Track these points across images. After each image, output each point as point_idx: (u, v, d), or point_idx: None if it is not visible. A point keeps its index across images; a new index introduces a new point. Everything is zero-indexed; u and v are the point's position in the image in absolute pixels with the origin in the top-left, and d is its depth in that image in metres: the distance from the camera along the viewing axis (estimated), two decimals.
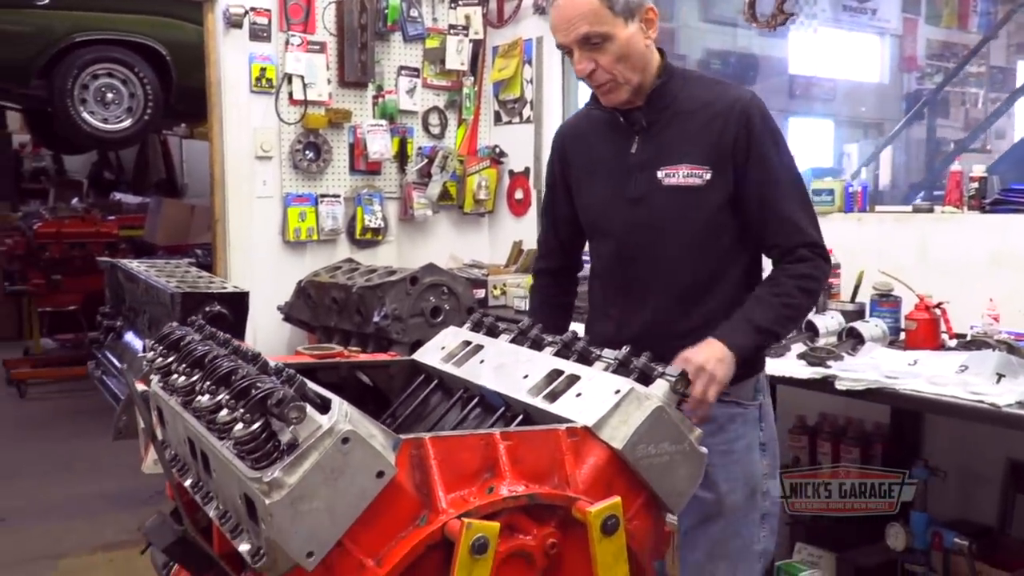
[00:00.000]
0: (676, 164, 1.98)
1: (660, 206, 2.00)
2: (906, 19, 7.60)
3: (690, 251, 2.01)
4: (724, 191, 1.98)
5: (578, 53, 1.94)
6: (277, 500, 1.12)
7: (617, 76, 1.95)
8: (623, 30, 1.91)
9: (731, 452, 2.03)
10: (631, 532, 1.38)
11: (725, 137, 1.96)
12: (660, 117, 2.02)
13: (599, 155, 2.11)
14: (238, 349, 1.45)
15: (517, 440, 1.34)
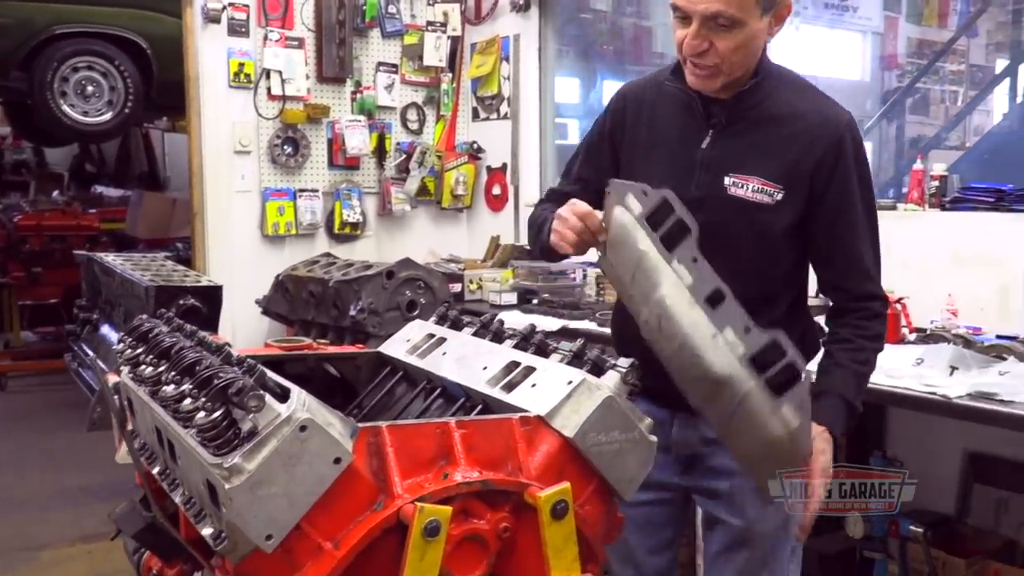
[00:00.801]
0: (747, 175, 1.78)
1: (719, 215, 1.77)
2: (887, 17, 7.65)
3: (743, 271, 1.71)
4: (794, 216, 1.78)
5: (696, 27, 1.69)
6: (237, 485, 1.17)
7: (724, 65, 1.73)
8: (756, 21, 1.70)
9: None
10: (583, 517, 1.43)
11: (808, 158, 1.76)
12: (743, 117, 1.80)
13: (664, 135, 1.88)
14: (203, 341, 1.50)
15: (472, 428, 1.39)
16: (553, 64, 5.13)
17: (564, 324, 3.57)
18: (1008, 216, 3.07)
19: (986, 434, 2.90)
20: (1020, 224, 3.03)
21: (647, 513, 1.96)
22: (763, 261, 1.81)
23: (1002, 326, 2.93)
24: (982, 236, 3.12)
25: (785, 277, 1.86)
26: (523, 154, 5.11)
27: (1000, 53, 6.77)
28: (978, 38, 6.72)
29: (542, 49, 5.05)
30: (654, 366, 1.78)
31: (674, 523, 2.05)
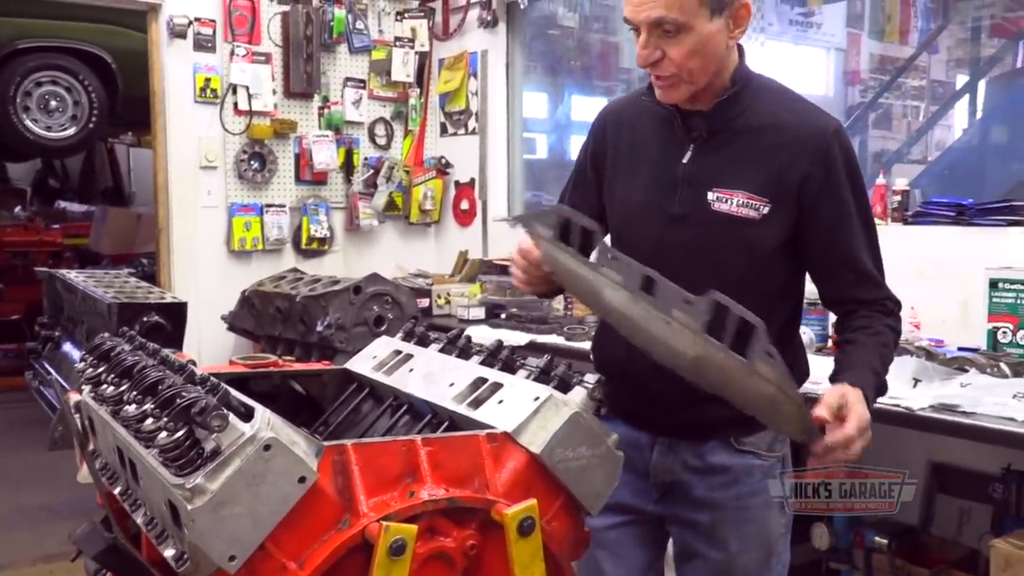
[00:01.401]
0: (731, 189, 1.70)
1: (704, 232, 1.72)
2: (850, 33, 7.77)
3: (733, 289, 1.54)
4: (782, 231, 1.71)
5: (645, 36, 1.64)
6: (199, 506, 1.16)
7: (683, 73, 1.65)
8: (705, 24, 1.61)
9: (745, 508, 1.80)
10: (550, 533, 1.43)
11: (794, 170, 1.67)
12: (724, 129, 1.73)
13: (645, 152, 1.81)
14: (166, 359, 1.48)
15: (438, 446, 1.38)
16: (521, 79, 5.16)
17: (532, 338, 3.57)
18: (969, 230, 3.12)
19: (948, 445, 2.94)
20: (980, 238, 3.08)
21: (618, 537, 1.89)
22: (753, 278, 1.72)
23: (963, 339, 2.97)
24: (943, 250, 3.17)
25: (778, 294, 1.76)
26: (491, 169, 5.13)
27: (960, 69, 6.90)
28: (939, 54, 6.84)
29: (510, 65, 5.07)
30: (634, 388, 1.78)
31: (648, 546, 1.94)
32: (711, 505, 1.80)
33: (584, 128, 5.83)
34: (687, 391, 1.59)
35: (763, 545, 1.82)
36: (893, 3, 6.16)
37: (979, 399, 2.35)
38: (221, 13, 4.71)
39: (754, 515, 1.81)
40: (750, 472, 1.79)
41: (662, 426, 1.78)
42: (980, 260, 2.93)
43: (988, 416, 2.29)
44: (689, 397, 1.64)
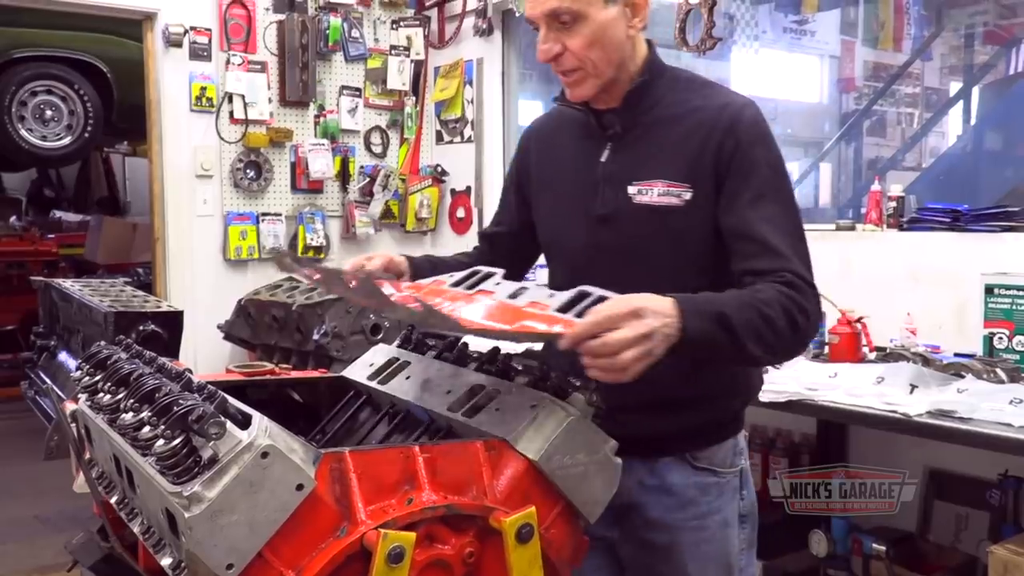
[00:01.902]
0: (651, 180, 1.67)
1: (630, 228, 1.69)
2: (844, 41, 7.80)
3: (662, 284, 1.52)
4: (709, 215, 1.64)
5: (544, 31, 1.64)
6: (197, 514, 1.15)
7: (586, 65, 1.64)
8: (600, 11, 1.61)
9: (702, 529, 1.73)
10: (548, 540, 1.43)
11: (708, 149, 1.64)
12: (638, 122, 1.71)
13: (566, 159, 1.81)
14: (163, 367, 1.48)
15: (436, 453, 1.38)
16: (516, 87, 5.17)
17: (528, 345, 3.56)
18: (964, 236, 3.13)
19: (946, 451, 2.94)
20: (975, 244, 3.09)
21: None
22: (686, 270, 1.66)
23: (959, 344, 2.98)
24: (939, 256, 3.18)
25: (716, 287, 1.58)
26: (487, 177, 5.13)
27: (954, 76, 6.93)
28: (932, 61, 6.87)
29: (505, 73, 5.08)
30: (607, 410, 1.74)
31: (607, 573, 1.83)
32: (668, 527, 1.73)
33: None
34: (629, 398, 1.50)
35: (722, 565, 1.75)
36: (887, 10, 6.19)
37: (976, 405, 2.35)
38: (217, 22, 4.71)
39: (712, 535, 1.73)
40: (706, 491, 1.73)
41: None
42: (975, 266, 2.93)
43: (985, 422, 2.29)
44: (633, 404, 1.58)
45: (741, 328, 1.47)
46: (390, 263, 1.88)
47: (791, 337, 1.54)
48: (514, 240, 1.96)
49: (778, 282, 1.54)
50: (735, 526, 1.76)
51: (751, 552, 1.80)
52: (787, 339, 1.54)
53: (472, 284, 1.72)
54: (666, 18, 4.34)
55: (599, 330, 1.34)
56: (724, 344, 1.47)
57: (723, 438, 1.74)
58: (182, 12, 4.61)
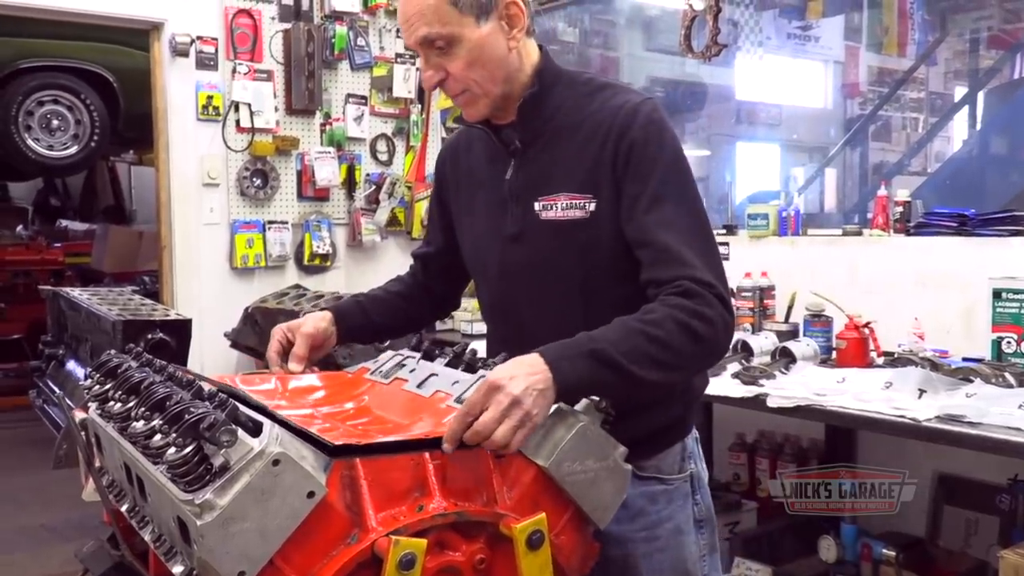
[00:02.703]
0: (554, 194, 1.61)
1: (540, 245, 1.64)
2: (848, 46, 7.81)
3: (581, 298, 1.61)
4: (616, 223, 1.59)
5: (423, 58, 1.60)
6: (208, 521, 1.16)
7: (472, 86, 1.60)
8: (473, 30, 1.55)
9: (654, 539, 1.66)
10: (558, 546, 1.43)
11: (605, 154, 1.58)
12: (538, 135, 1.65)
13: (478, 178, 1.76)
14: (173, 375, 1.48)
15: (446, 459, 1.38)
16: None
17: None
18: (971, 240, 3.12)
19: (955, 456, 2.93)
20: (983, 248, 3.09)
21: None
22: (600, 284, 1.61)
23: (967, 348, 2.97)
24: (946, 260, 3.18)
25: (634, 300, 1.54)
26: None
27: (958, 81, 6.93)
28: (937, 66, 6.88)
29: None
30: None
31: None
32: (620, 540, 1.65)
33: None
34: None
35: (680, 573, 1.68)
36: (891, 16, 6.19)
37: (985, 409, 2.35)
38: (223, 31, 4.73)
39: (665, 544, 1.66)
40: (654, 499, 1.67)
41: None
42: (983, 270, 2.93)
43: (994, 426, 2.28)
44: None
45: (626, 358, 1.42)
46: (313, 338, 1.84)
47: (693, 349, 1.48)
48: (445, 259, 1.92)
49: (673, 292, 1.49)
50: (690, 533, 1.70)
51: (714, 556, 1.74)
52: (688, 353, 1.48)
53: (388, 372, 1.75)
54: (671, 25, 4.35)
55: (468, 420, 1.32)
56: (611, 380, 1.42)
57: (667, 445, 1.68)
58: (189, 22, 4.63)
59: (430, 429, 1.45)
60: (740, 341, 3.10)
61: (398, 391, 1.71)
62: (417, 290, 1.98)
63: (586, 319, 1.52)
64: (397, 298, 1.97)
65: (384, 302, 1.96)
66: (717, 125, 7.81)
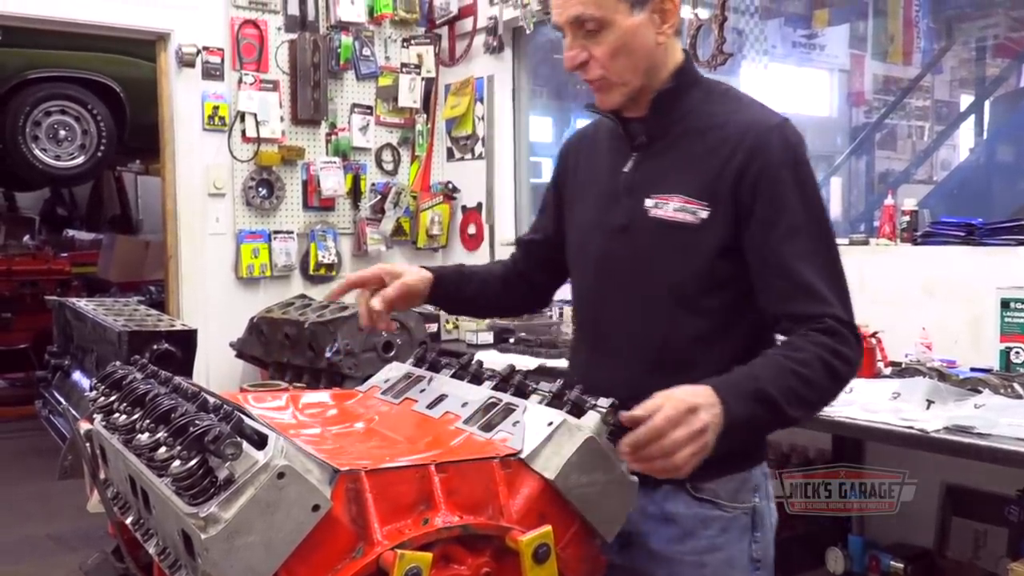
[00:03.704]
0: (668, 193, 1.60)
1: (642, 241, 1.63)
2: (853, 55, 7.81)
3: (669, 302, 1.60)
4: (724, 237, 1.56)
5: (569, 38, 1.59)
6: (213, 535, 1.15)
7: (612, 74, 1.59)
8: (626, 18, 1.55)
9: (701, 565, 1.61)
10: (564, 560, 1.42)
11: (730, 167, 1.55)
12: (664, 133, 1.64)
13: (598, 167, 1.75)
14: (179, 387, 1.48)
15: (452, 472, 1.37)
16: (527, 104, 5.18)
17: (541, 363, 3.56)
18: (979, 250, 3.11)
19: (963, 467, 2.91)
20: (990, 258, 3.07)
21: None
22: (693, 291, 1.59)
23: (975, 359, 2.96)
24: (953, 270, 3.16)
25: (726, 312, 1.59)
26: (498, 193, 5.14)
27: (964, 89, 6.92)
28: (943, 74, 6.86)
29: (516, 90, 5.10)
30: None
31: None
32: (667, 559, 1.63)
33: None
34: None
35: None
36: (896, 24, 6.18)
37: (993, 420, 2.33)
38: (229, 42, 4.75)
39: (712, 573, 1.61)
40: (707, 524, 1.61)
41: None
42: (991, 280, 2.92)
43: (1003, 437, 2.26)
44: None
45: (781, 398, 1.44)
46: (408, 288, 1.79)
47: (832, 387, 1.51)
48: (548, 249, 1.90)
49: (817, 329, 1.49)
50: (743, 569, 1.62)
51: None
52: (828, 391, 1.51)
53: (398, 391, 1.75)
54: None
55: (659, 433, 1.33)
56: (766, 418, 1.46)
57: (729, 471, 1.61)
58: (195, 32, 4.65)
59: (438, 452, 1.45)
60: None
61: (408, 412, 1.71)
62: (515, 277, 1.96)
63: (670, 323, 1.58)
64: (496, 281, 1.95)
65: (483, 281, 1.94)
66: None
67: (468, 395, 1.66)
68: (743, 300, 1.58)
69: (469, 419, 1.59)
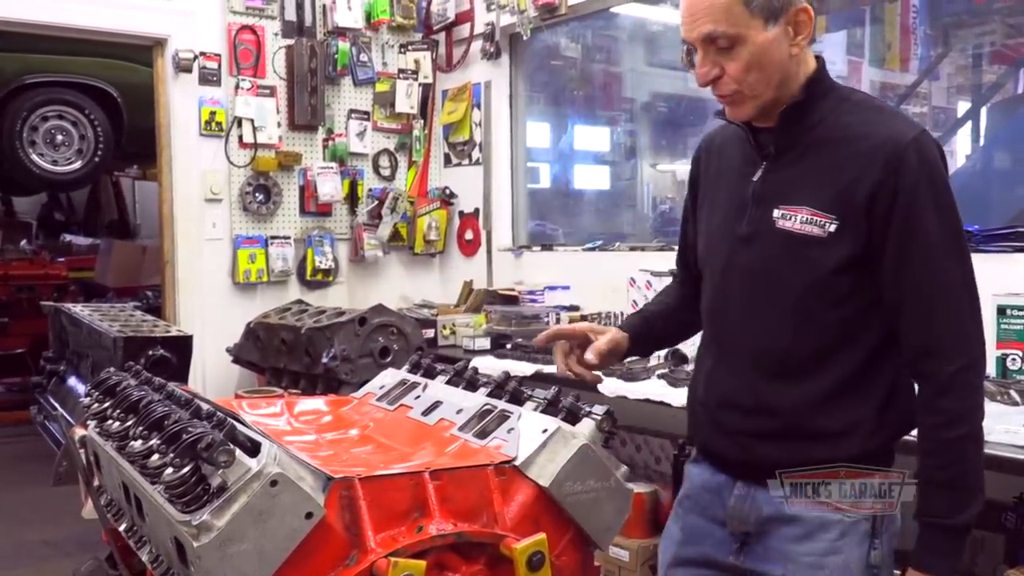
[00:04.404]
0: (797, 205, 1.58)
1: (767, 252, 1.62)
2: (851, 61, 7.82)
3: (792, 313, 1.59)
4: (851, 252, 1.55)
5: (701, 54, 1.55)
6: (206, 543, 1.15)
7: (744, 88, 1.56)
8: (760, 33, 1.52)
9: (820, 568, 1.61)
10: (559, 568, 1.42)
11: (864, 182, 1.52)
12: (794, 144, 1.62)
13: (727, 174, 1.74)
14: (172, 394, 1.48)
15: (446, 479, 1.37)
16: (524, 110, 5.18)
17: (538, 369, 3.55)
18: (975, 257, 3.06)
19: None
20: (987, 265, 3.04)
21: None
22: (817, 304, 1.58)
23: None
24: None
25: (849, 324, 1.58)
26: (495, 199, 5.14)
27: (961, 96, 6.94)
28: (940, 81, 6.87)
29: (513, 95, 5.10)
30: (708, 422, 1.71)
31: None
32: (782, 557, 1.65)
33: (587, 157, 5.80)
34: (759, 423, 1.59)
35: None
36: (893, 31, 6.20)
37: (990, 427, 2.30)
38: (226, 47, 4.74)
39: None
40: (827, 527, 1.62)
41: (736, 465, 1.68)
42: (987, 287, 2.88)
43: (999, 444, 2.25)
44: (761, 430, 1.61)
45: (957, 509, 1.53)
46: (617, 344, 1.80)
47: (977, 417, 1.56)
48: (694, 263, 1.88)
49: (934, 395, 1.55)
50: (860, 573, 1.62)
51: None
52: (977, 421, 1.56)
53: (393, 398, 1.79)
54: (673, 40, 4.36)
55: None
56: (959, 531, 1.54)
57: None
58: (192, 38, 4.64)
59: (431, 458, 1.45)
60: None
61: (403, 418, 1.71)
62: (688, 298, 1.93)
63: (792, 335, 1.59)
64: (675, 311, 1.95)
65: (665, 318, 1.96)
66: None
67: (463, 402, 1.66)
68: (866, 313, 1.58)
69: (464, 426, 1.59)
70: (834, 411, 1.59)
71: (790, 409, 1.58)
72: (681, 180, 5.96)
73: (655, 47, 6.67)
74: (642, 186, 5.61)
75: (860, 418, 1.60)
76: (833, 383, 1.57)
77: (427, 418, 1.68)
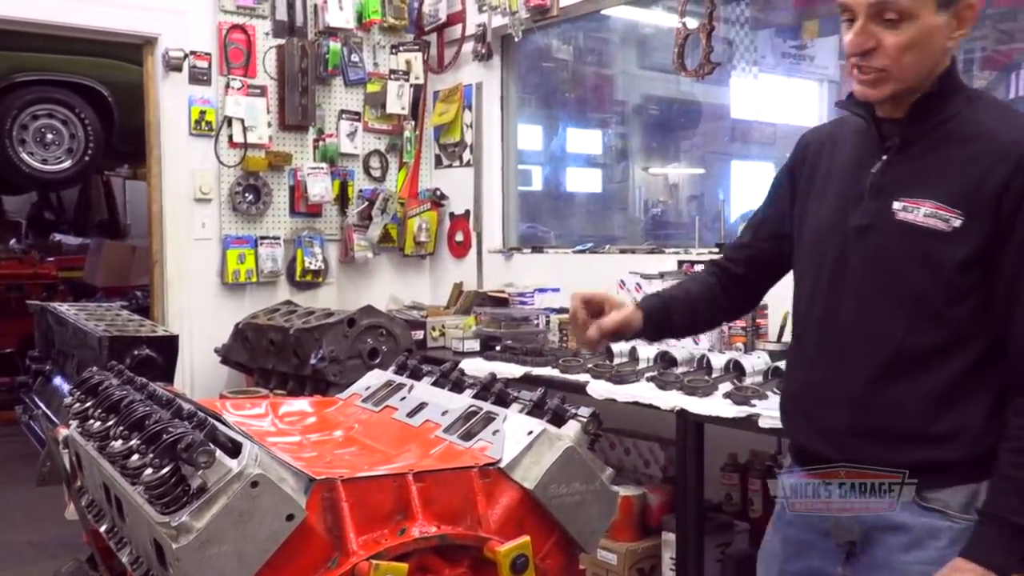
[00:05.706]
0: (920, 198, 1.54)
1: (885, 243, 1.57)
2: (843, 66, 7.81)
3: (907, 310, 1.55)
4: (975, 248, 1.51)
5: (863, 22, 1.51)
6: (184, 544, 1.14)
7: (893, 68, 1.52)
8: (931, 15, 1.49)
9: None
10: (543, 571, 1.41)
11: (994, 178, 1.49)
12: (921, 138, 1.58)
13: (839, 167, 1.70)
14: (154, 394, 1.46)
15: (430, 481, 1.36)
16: (515, 112, 5.18)
17: (527, 371, 3.55)
18: None
19: None
20: None
21: None
22: (935, 299, 1.54)
23: None
24: None
25: (965, 323, 1.54)
26: (486, 201, 5.13)
27: None
28: None
29: (504, 97, 5.09)
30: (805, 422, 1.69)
31: None
32: (889, 567, 1.61)
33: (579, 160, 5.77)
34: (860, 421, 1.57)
35: None
36: None
37: None
38: (217, 47, 4.73)
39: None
40: (936, 535, 1.57)
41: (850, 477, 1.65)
42: None
43: None
44: (861, 428, 1.59)
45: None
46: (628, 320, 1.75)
47: None
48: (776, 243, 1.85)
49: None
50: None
51: None
52: None
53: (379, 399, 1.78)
54: (665, 43, 4.36)
55: None
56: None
57: (960, 481, 1.56)
58: (182, 37, 4.63)
59: (415, 460, 1.44)
60: (732, 361, 3.09)
61: (388, 420, 1.71)
62: (723, 290, 1.91)
63: (907, 330, 1.55)
64: (700, 303, 1.91)
65: (686, 305, 1.90)
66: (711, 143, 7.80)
67: (448, 403, 1.65)
68: (982, 313, 1.54)
69: (449, 428, 1.58)
70: (941, 413, 1.55)
71: (895, 408, 1.54)
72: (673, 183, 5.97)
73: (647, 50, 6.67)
74: (633, 189, 5.61)
75: (967, 422, 1.56)
76: (942, 384, 1.53)
77: (412, 420, 1.67)
